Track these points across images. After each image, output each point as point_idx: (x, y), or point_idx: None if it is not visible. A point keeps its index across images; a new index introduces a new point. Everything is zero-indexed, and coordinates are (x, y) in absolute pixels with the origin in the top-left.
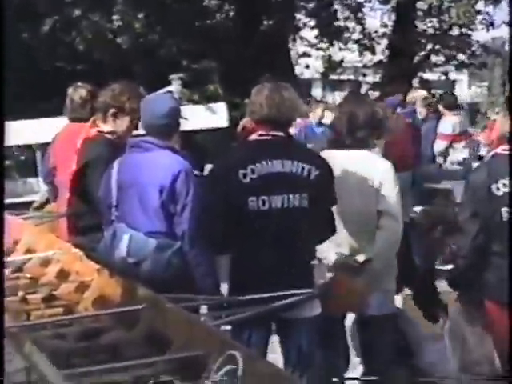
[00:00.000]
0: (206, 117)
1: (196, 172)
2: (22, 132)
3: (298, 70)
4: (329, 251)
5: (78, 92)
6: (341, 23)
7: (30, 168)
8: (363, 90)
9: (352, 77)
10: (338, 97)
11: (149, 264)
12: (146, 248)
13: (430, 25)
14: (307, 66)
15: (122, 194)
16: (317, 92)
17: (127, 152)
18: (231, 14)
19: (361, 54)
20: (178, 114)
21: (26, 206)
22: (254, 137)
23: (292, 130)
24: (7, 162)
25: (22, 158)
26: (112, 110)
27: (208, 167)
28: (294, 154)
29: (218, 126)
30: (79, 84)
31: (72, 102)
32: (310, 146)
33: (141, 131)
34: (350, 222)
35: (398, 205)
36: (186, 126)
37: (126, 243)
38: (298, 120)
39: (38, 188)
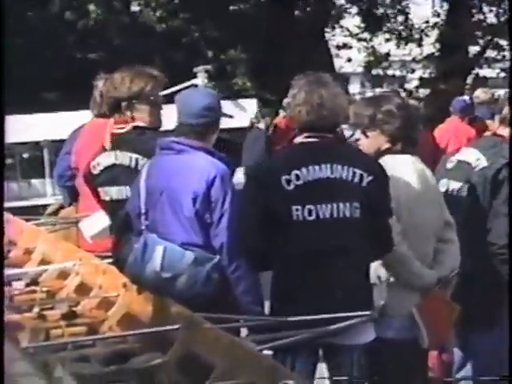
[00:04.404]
0: (234, 114)
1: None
2: (30, 127)
3: (336, 63)
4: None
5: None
6: (387, 10)
7: (36, 168)
8: (411, 86)
9: (398, 72)
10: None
11: (185, 279)
12: (182, 262)
13: (488, 14)
14: (349, 60)
15: (152, 201)
16: (355, 89)
17: (157, 154)
18: None
19: (406, 45)
20: (217, 111)
21: (32, 210)
22: (299, 139)
23: None
24: (9, 161)
25: (26, 156)
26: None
27: (238, 171)
28: (344, 158)
29: (247, 124)
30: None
31: (101, 96)
32: None
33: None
34: (429, 235)
35: None
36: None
37: (160, 256)
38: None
39: (44, 191)
